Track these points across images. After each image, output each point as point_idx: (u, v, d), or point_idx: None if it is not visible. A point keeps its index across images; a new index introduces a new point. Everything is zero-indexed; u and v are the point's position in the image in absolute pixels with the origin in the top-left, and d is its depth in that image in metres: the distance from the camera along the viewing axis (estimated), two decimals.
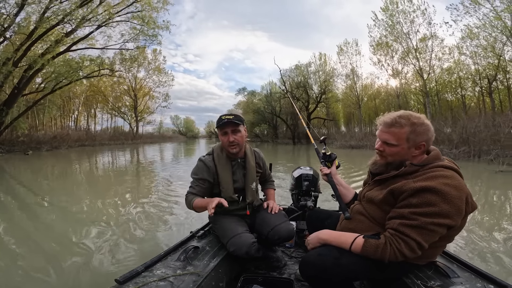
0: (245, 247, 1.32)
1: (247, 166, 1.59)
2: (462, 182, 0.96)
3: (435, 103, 21.87)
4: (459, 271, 1.10)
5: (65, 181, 6.69)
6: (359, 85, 28.47)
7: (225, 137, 1.50)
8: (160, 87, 34.51)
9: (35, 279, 1.90)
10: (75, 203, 4.14)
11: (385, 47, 22.55)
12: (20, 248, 2.45)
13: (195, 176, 1.54)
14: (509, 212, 3.57)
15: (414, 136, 1.02)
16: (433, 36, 19.79)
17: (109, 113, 34.52)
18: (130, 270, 1.09)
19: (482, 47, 16.98)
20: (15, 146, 15.79)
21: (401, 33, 21.11)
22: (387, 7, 21.21)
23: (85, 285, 1.81)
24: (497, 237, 2.61)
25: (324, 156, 1.52)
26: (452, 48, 19.39)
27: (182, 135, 71.11)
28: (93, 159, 12.60)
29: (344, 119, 34.44)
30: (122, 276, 1.04)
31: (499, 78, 17.50)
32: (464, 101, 20.93)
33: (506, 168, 6.84)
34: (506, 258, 2.15)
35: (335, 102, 31.66)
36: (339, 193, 1.36)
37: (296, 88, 28.48)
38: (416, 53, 20.61)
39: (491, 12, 15.69)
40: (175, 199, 4.19)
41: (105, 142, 25.64)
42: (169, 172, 7.59)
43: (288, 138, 30.96)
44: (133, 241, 2.52)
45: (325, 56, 30.33)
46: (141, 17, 17.41)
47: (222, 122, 1.48)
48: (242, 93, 39.73)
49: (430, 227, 0.91)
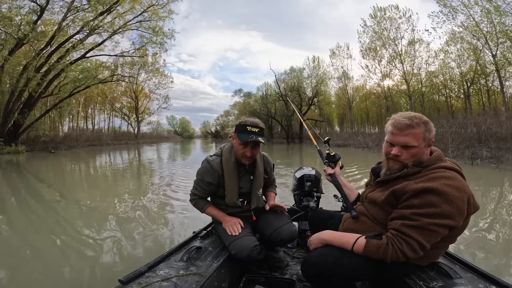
0: (247, 250, 1.29)
1: (256, 173, 1.52)
2: (464, 183, 0.95)
3: (423, 104, 22.64)
4: (461, 272, 1.08)
5: (85, 178, 7.12)
6: (350, 87, 30.01)
7: (244, 148, 1.39)
8: (160, 89, 35.29)
9: (38, 279, 1.89)
10: (84, 202, 4.19)
11: (373, 51, 23.90)
12: (23, 247, 2.44)
13: (200, 177, 1.47)
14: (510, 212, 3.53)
15: (428, 134, 1.00)
16: (417, 42, 21.25)
17: (108, 114, 35.11)
18: (133, 271, 1.08)
19: (464, 50, 17.96)
20: (37, 145, 16.86)
21: (387, 39, 22.46)
22: (375, 14, 22.78)
23: (88, 285, 1.80)
24: (499, 238, 2.57)
25: (328, 156, 1.49)
26: (438, 52, 20.51)
27: (178, 135, 70.54)
28: (106, 158, 13.41)
29: (338, 119, 35.63)
30: (126, 277, 1.03)
31: (477, 80, 18.39)
32: (448, 102, 21.98)
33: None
34: (509, 259, 2.12)
35: (326, 105, 33.11)
36: (343, 191, 1.35)
37: (290, 92, 30.02)
38: (401, 58, 22.01)
39: (468, 19, 16.76)
40: (178, 198, 4.17)
41: (110, 142, 26.26)
42: (172, 171, 7.63)
43: (282, 138, 32.40)
44: (136, 241, 2.50)
45: (318, 59, 31.65)
46: (151, 27, 18.81)
47: (249, 139, 1.33)
48: (238, 94, 41.32)
49: (431, 227, 0.90)
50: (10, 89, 15.53)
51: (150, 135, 41.24)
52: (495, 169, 7.07)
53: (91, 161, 11.72)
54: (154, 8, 18.36)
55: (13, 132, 15.40)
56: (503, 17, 14.97)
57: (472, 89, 19.32)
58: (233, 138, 1.45)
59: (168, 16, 19.15)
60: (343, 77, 29.65)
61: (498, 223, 3.06)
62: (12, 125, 15.37)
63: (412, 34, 21.42)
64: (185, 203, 3.75)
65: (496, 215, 3.36)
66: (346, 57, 29.07)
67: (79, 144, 20.88)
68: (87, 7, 15.51)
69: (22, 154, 14.12)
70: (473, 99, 20.10)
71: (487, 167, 7.45)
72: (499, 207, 3.75)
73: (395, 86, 24.02)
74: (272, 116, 33.01)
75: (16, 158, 12.16)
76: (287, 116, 31.01)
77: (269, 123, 34.52)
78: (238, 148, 1.42)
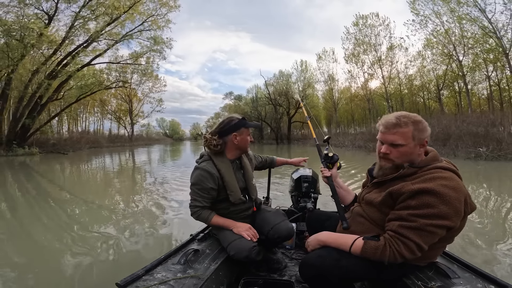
0: (245, 251, 1.26)
1: (244, 165, 1.54)
2: (461, 183, 0.93)
3: (403, 105, 23.87)
4: (459, 271, 1.06)
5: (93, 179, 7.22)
6: (336, 90, 31.91)
7: (249, 137, 1.51)
8: (153, 92, 35.60)
9: (35, 283, 1.84)
10: (82, 204, 4.14)
11: (356, 57, 25.59)
12: (20, 251, 2.39)
13: (199, 186, 1.37)
14: (509, 212, 3.51)
15: (418, 134, 0.99)
16: (395, 47, 22.93)
17: (97, 117, 35.38)
18: (130, 274, 1.06)
19: (438, 56, 19.25)
20: (46, 147, 17.44)
21: (368, 45, 24.16)
22: (357, 22, 24.52)
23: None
24: (497, 237, 2.53)
25: (326, 157, 1.43)
26: (416, 56, 21.93)
27: (168, 137, 69.10)
28: (109, 159, 13.77)
29: (325, 120, 36.99)
30: (123, 280, 1.01)
31: (450, 84, 19.74)
32: (425, 104, 23.20)
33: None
34: (506, 258, 2.07)
35: (312, 108, 34.63)
36: (338, 198, 1.30)
37: (279, 96, 31.87)
38: (379, 63, 23.68)
39: (438, 26, 18.23)
40: (176, 200, 4.12)
41: (107, 145, 26.62)
42: (168, 173, 7.56)
43: (272, 139, 34.46)
44: (133, 245, 2.45)
45: (306, 63, 33.61)
46: (153, 37, 19.79)
47: (254, 123, 1.53)
48: (229, 97, 43.17)
49: (429, 228, 0.88)
50: (20, 94, 16.18)
51: (142, 137, 41.45)
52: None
53: (103, 162, 12.18)
54: (154, 18, 19.18)
55: (21, 135, 15.97)
56: (468, 23, 16.38)
57: (445, 92, 20.81)
58: (237, 136, 1.43)
59: (166, 25, 19.97)
60: (329, 80, 31.52)
61: (498, 222, 3.03)
62: (19, 129, 15.94)
63: (389, 41, 23.24)
64: (183, 205, 3.71)
65: (493, 214, 3.34)
66: (332, 62, 30.95)
67: (83, 146, 21.39)
68: (93, 17, 16.23)
69: (36, 156, 14.56)
70: (451, 101, 21.50)
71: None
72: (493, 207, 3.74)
73: (376, 89, 25.56)
74: (262, 119, 34.51)
75: (31, 159, 12.61)
76: (276, 119, 33.74)
77: (259, 125, 35.52)
78: (247, 140, 1.49)
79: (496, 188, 5.04)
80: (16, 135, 15.63)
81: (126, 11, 16.99)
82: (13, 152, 14.25)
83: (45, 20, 15.22)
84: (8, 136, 15.35)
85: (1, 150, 14.18)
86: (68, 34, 15.89)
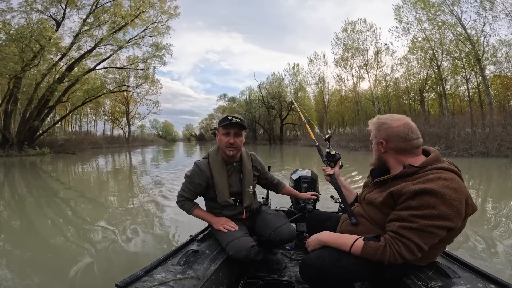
0: (245, 250, 1.24)
1: (243, 170, 1.47)
2: (462, 184, 0.90)
3: (390, 107, 24.70)
4: (460, 271, 1.04)
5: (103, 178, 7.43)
6: (327, 92, 32.36)
7: (226, 137, 1.37)
8: (150, 95, 35.11)
9: (35, 283, 1.81)
10: (82, 205, 4.11)
11: (344, 61, 26.47)
12: (20, 251, 2.36)
13: (189, 179, 1.44)
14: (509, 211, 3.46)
15: (376, 133, 1.08)
16: (381, 52, 23.83)
17: (90, 118, 35.50)
18: (130, 275, 1.03)
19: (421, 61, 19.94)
20: (54, 147, 17.76)
21: (356, 50, 25.02)
22: (346, 28, 25.41)
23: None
24: (497, 237, 2.49)
25: (328, 155, 1.40)
26: (402, 60, 22.41)
27: (161, 139, 67.78)
28: (119, 159, 14.10)
29: (317, 122, 37.13)
30: (123, 281, 0.99)
31: (431, 87, 20.43)
32: (410, 106, 23.82)
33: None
34: (507, 258, 2.03)
35: (303, 110, 34.26)
36: (343, 195, 1.28)
37: (272, 99, 32.95)
38: (366, 67, 24.73)
39: (419, 32, 19.02)
40: (174, 201, 4.09)
41: (106, 146, 26.80)
42: (167, 173, 7.50)
43: (265, 140, 35.31)
44: (133, 245, 2.41)
45: (298, 66, 34.71)
46: (155, 44, 20.28)
47: (228, 122, 1.35)
48: (223, 99, 44.08)
49: (429, 229, 0.86)
50: (28, 97, 16.51)
51: (137, 138, 41.47)
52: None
53: (111, 161, 12.44)
54: (155, 25, 19.74)
55: (29, 136, 16.31)
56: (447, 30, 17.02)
57: (430, 95, 21.58)
58: (217, 135, 1.44)
59: (167, 32, 20.39)
60: (320, 83, 32.19)
61: (497, 222, 2.98)
62: (27, 130, 16.24)
63: (375, 46, 24.22)
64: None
65: (494, 214, 3.30)
66: (323, 65, 31.78)
67: (86, 146, 21.71)
68: (99, 24, 16.73)
69: (47, 156, 14.71)
70: (435, 103, 22.19)
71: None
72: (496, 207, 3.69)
73: (363, 92, 26.57)
74: (256, 120, 35.49)
75: (41, 159, 12.77)
76: (269, 121, 34.73)
77: (253, 127, 36.88)
78: (222, 140, 1.39)
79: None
80: (25, 137, 15.92)
81: (132, 19, 17.47)
82: (25, 153, 14.54)
83: (53, 25, 15.62)
84: (18, 137, 15.67)
85: (14, 150, 14.53)
86: (75, 39, 16.24)
